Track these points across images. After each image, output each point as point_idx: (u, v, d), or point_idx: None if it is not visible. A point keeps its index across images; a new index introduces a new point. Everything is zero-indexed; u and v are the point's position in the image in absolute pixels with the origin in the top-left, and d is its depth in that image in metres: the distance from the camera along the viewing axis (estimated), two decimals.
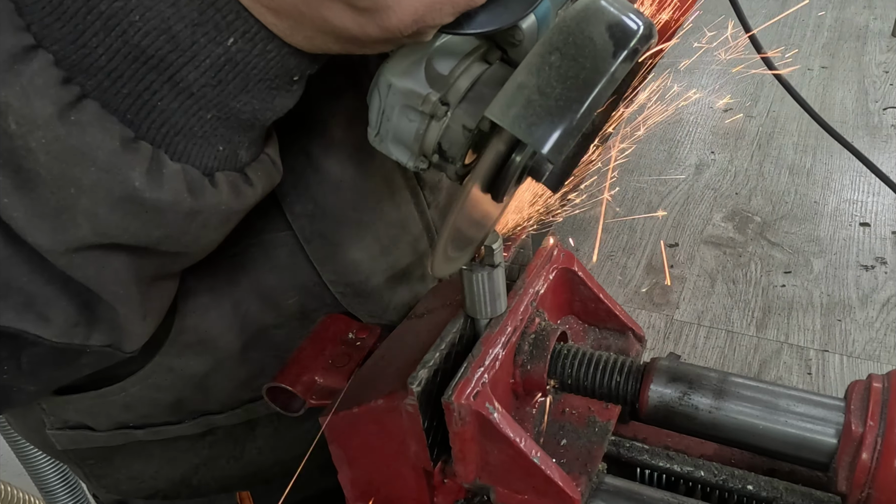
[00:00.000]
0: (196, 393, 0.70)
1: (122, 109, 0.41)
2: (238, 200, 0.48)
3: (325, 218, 0.65)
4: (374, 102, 0.45)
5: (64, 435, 0.73)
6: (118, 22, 0.39)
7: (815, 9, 2.13)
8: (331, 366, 0.65)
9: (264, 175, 0.50)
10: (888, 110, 1.59)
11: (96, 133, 0.40)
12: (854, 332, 1.04)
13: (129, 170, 0.41)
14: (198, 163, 0.45)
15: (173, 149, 0.44)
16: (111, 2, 0.39)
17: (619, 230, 1.30)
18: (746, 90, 1.74)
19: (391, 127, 0.45)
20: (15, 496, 1.59)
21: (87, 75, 0.40)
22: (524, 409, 0.57)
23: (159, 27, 0.40)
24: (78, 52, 0.39)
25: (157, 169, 0.43)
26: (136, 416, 0.71)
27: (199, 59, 0.41)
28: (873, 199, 1.31)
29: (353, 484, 0.60)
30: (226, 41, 0.41)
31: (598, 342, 0.63)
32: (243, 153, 0.47)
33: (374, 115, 0.45)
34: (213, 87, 0.42)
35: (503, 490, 0.51)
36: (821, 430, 0.49)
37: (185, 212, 0.45)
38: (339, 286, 0.70)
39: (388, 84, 0.44)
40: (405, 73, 0.44)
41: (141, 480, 0.79)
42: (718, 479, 0.58)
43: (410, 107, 0.43)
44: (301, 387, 0.63)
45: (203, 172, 0.45)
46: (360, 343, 0.67)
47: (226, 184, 0.46)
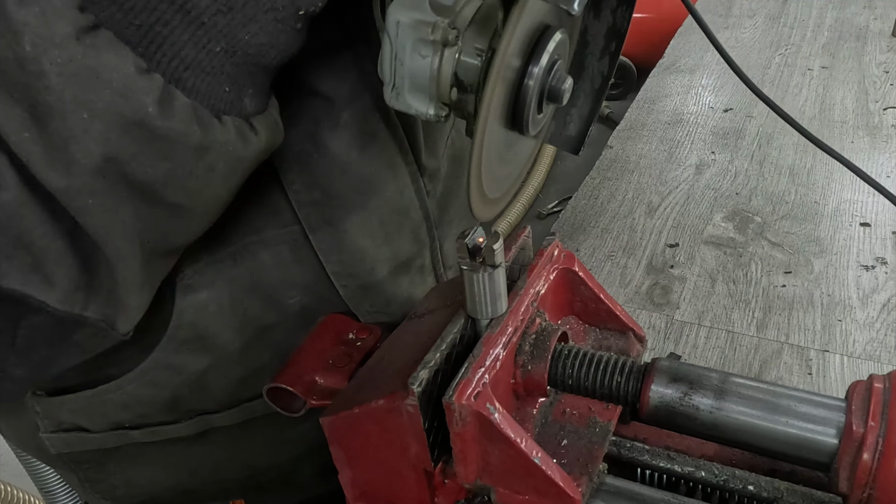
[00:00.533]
0: (193, 391, 0.70)
1: (135, 41, 0.42)
2: (244, 146, 0.48)
3: (331, 204, 0.65)
4: (386, 51, 0.44)
5: (58, 438, 0.73)
6: None
7: (815, 9, 2.13)
8: (331, 366, 0.65)
9: (268, 128, 0.51)
10: (888, 110, 1.59)
11: (112, 57, 0.41)
12: (854, 332, 1.04)
13: (143, 95, 0.42)
14: (206, 102, 0.45)
15: (183, 84, 0.44)
16: None
17: (619, 230, 1.30)
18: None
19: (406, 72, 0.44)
20: (15, 496, 1.59)
21: (100, 6, 0.40)
22: (525, 410, 0.57)
23: None
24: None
25: (169, 100, 0.43)
26: (132, 416, 0.71)
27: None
28: (873, 200, 1.31)
29: (353, 484, 0.60)
30: None
31: (598, 342, 0.63)
32: (248, 101, 0.48)
33: (387, 68, 0.45)
34: (224, 14, 0.42)
35: (504, 490, 0.51)
36: (822, 431, 0.49)
37: (195, 145, 0.45)
38: (344, 278, 0.70)
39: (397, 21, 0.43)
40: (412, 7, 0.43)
41: (136, 486, 0.79)
42: (719, 480, 0.58)
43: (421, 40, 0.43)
44: (301, 387, 0.63)
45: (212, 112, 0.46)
46: (361, 343, 0.67)
47: (233, 126, 0.47)
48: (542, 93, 0.45)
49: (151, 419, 0.73)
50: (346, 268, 0.70)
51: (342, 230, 0.67)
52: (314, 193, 0.64)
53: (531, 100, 0.44)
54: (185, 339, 0.66)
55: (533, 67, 0.43)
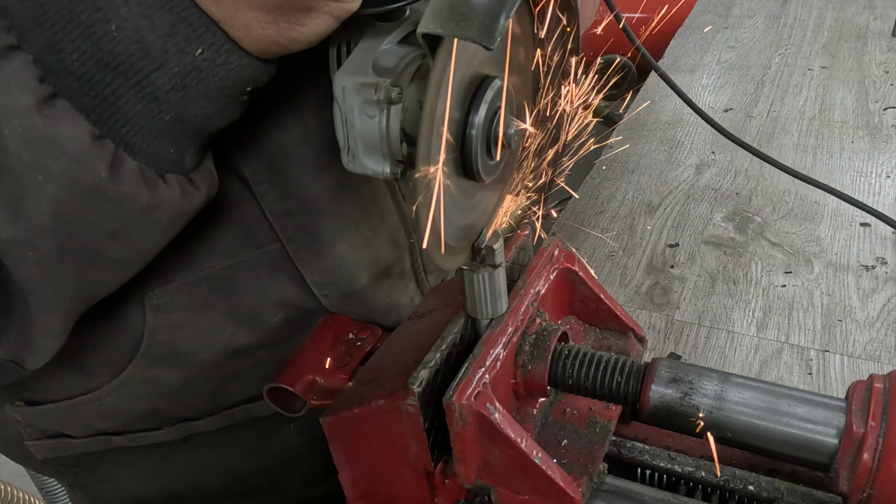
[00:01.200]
0: (171, 402, 0.70)
1: (89, 109, 0.44)
2: (187, 201, 0.51)
3: (306, 212, 0.65)
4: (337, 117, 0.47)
5: (43, 444, 0.73)
6: (95, 31, 0.42)
7: (815, 9, 2.13)
8: (331, 366, 0.65)
9: (206, 181, 0.53)
10: (888, 110, 1.59)
11: (68, 126, 0.43)
12: (854, 332, 1.04)
13: (96, 161, 0.45)
14: (151, 163, 0.48)
15: (131, 147, 0.47)
16: (92, 12, 0.42)
17: (619, 230, 1.30)
18: (746, 90, 1.74)
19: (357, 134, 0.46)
20: (15, 496, 1.58)
21: (60, 77, 0.43)
22: (525, 410, 0.57)
23: (132, 36, 0.43)
24: (54, 56, 0.42)
25: (119, 164, 0.46)
26: (113, 424, 0.72)
27: (167, 67, 0.45)
28: (873, 200, 1.31)
29: (353, 484, 0.60)
30: (194, 51, 0.45)
31: (598, 342, 0.63)
32: (189, 159, 0.51)
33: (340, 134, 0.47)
34: (177, 91, 0.46)
35: (504, 490, 0.51)
36: (822, 431, 0.49)
37: (143, 205, 0.48)
38: (325, 287, 0.70)
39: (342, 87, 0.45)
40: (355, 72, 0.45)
41: (123, 490, 0.79)
42: (719, 480, 0.58)
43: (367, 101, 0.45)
44: (301, 387, 0.63)
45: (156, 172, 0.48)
46: (361, 343, 0.67)
47: (176, 183, 0.50)
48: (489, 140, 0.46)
49: (133, 427, 0.73)
50: (326, 276, 0.69)
51: (319, 237, 0.67)
52: (288, 203, 0.64)
53: (476, 148, 0.45)
54: (160, 355, 0.66)
55: (473, 117, 0.45)
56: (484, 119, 0.45)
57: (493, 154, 0.47)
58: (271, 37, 0.46)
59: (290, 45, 0.47)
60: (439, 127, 0.43)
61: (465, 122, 0.45)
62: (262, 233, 0.65)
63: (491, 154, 0.47)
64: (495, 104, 0.46)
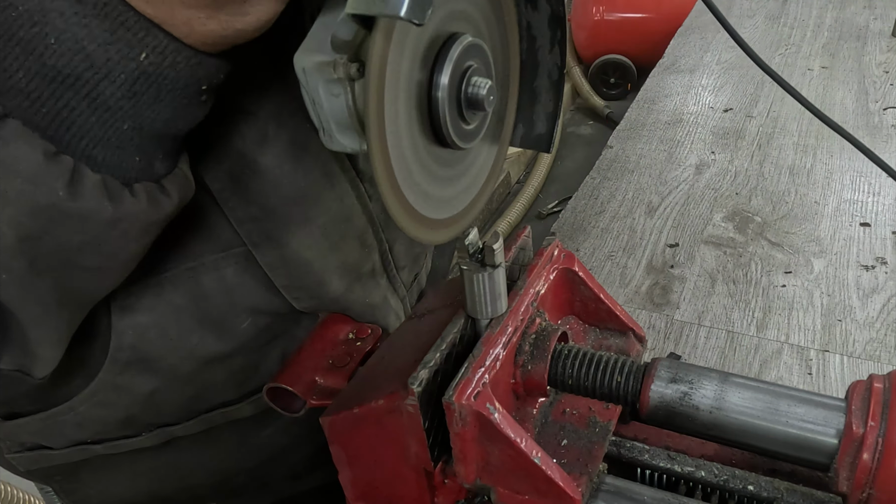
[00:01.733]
0: (146, 409, 0.70)
1: (43, 126, 0.43)
2: (156, 210, 0.50)
3: (269, 218, 0.64)
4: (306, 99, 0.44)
5: (23, 457, 0.73)
6: (35, 46, 0.41)
7: (815, 9, 2.13)
8: (331, 366, 0.65)
9: (179, 187, 0.52)
10: (888, 110, 1.59)
11: (21, 146, 0.42)
12: (854, 332, 1.04)
13: (52, 180, 0.44)
14: (117, 173, 0.47)
15: (93, 160, 0.46)
16: (28, 27, 0.41)
17: (619, 230, 1.30)
18: (746, 90, 1.74)
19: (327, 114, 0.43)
20: (15, 496, 1.58)
21: (8, 97, 0.42)
22: (525, 410, 0.57)
23: (73, 48, 0.42)
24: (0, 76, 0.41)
25: (79, 179, 0.45)
26: (90, 434, 0.71)
27: (114, 75, 0.43)
28: (873, 199, 1.31)
29: (353, 484, 0.60)
30: (138, 56, 0.43)
31: (598, 342, 0.63)
32: (158, 165, 0.50)
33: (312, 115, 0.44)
34: (129, 99, 0.44)
35: (504, 490, 0.51)
36: (821, 431, 0.49)
37: (107, 219, 0.47)
38: (294, 291, 0.69)
39: (303, 68, 0.42)
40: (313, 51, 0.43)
41: (110, 494, 0.79)
42: (719, 480, 0.58)
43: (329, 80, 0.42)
44: (301, 387, 0.63)
45: (122, 183, 0.47)
46: (360, 343, 0.67)
47: (144, 193, 0.48)
48: (460, 103, 0.43)
49: (110, 435, 0.72)
50: (294, 281, 0.68)
51: (284, 244, 0.66)
52: (251, 209, 0.63)
53: (444, 112, 0.42)
54: (129, 360, 0.65)
55: (438, 77, 0.42)
56: (450, 80, 0.42)
57: (466, 118, 0.45)
58: (215, 31, 0.44)
59: (237, 36, 0.45)
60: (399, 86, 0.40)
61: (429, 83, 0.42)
62: (226, 237, 0.64)
63: (465, 118, 0.45)
64: (463, 63, 0.43)
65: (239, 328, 0.68)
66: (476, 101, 0.43)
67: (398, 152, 0.42)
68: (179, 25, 0.44)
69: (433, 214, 0.47)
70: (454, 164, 0.48)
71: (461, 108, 0.44)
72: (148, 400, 0.69)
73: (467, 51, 0.43)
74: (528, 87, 0.54)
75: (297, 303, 0.70)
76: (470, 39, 0.43)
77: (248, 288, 0.67)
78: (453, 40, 0.42)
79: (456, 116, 0.44)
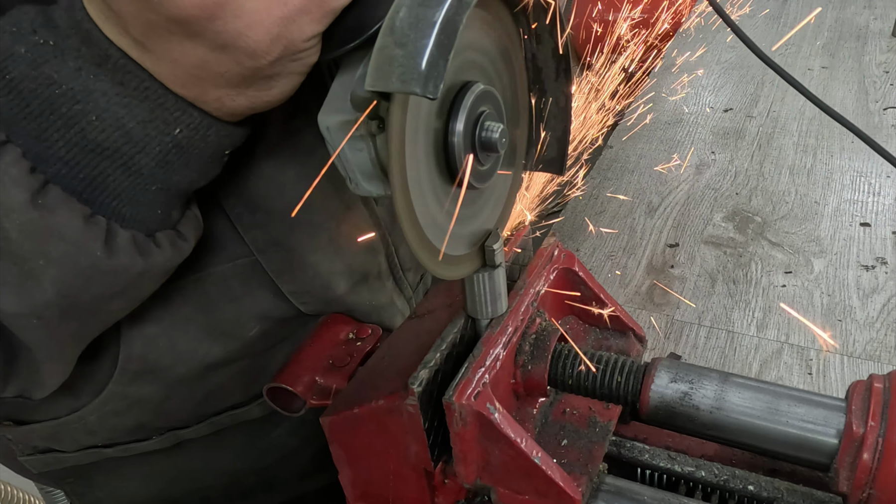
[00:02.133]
0: (155, 416, 0.71)
1: (79, 190, 0.47)
2: (178, 255, 0.54)
3: (275, 224, 0.65)
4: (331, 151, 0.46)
5: (35, 459, 0.74)
6: (77, 121, 0.45)
7: (815, 9, 2.13)
8: (331, 366, 0.65)
9: (194, 229, 0.56)
10: (888, 110, 1.59)
11: (63, 213, 0.46)
12: (854, 332, 1.04)
13: (92, 242, 0.47)
14: (141, 227, 0.50)
15: (121, 217, 0.49)
16: (71, 104, 0.44)
17: (619, 230, 1.30)
18: (746, 90, 1.74)
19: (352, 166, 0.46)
20: (15, 496, 1.58)
21: (49, 164, 0.46)
22: (525, 410, 0.57)
23: (114, 125, 0.45)
24: (41, 145, 0.45)
25: (112, 238, 0.48)
26: (100, 439, 0.72)
27: (149, 148, 0.47)
28: (873, 199, 1.31)
29: (353, 484, 0.60)
30: (173, 132, 0.47)
31: (598, 342, 0.63)
32: (176, 213, 0.53)
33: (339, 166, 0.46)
34: (161, 167, 0.48)
35: (504, 490, 0.51)
36: (822, 431, 0.49)
37: (139, 271, 0.51)
38: (302, 296, 0.70)
39: (327, 127, 0.45)
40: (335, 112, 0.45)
41: (120, 496, 0.80)
42: (719, 480, 0.58)
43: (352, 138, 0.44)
44: (301, 387, 0.63)
45: (146, 234, 0.51)
46: (361, 343, 0.67)
47: (166, 241, 0.52)
48: (475, 146, 0.46)
49: (121, 440, 0.73)
50: (301, 286, 0.69)
51: (290, 248, 0.67)
52: (257, 215, 0.64)
53: (461, 156, 0.45)
54: (138, 371, 0.66)
55: (453, 125, 0.44)
56: (465, 126, 0.44)
57: (481, 160, 0.47)
58: (244, 105, 0.48)
59: (264, 106, 0.49)
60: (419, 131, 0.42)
61: (445, 130, 0.44)
62: (232, 246, 0.65)
63: (480, 160, 0.46)
64: (476, 109, 0.45)
65: (247, 336, 0.69)
66: (490, 144, 0.45)
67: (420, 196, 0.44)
68: (211, 102, 0.47)
69: (454, 252, 0.49)
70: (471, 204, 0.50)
71: (476, 151, 0.46)
72: (157, 407, 0.69)
73: (479, 98, 0.45)
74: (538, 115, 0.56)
75: (304, 307, 0.70)
76: (482, 87, 0.45)
77: (255, 296, 0.68)
78: (466, 89, 0.45)
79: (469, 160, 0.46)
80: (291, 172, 0.64)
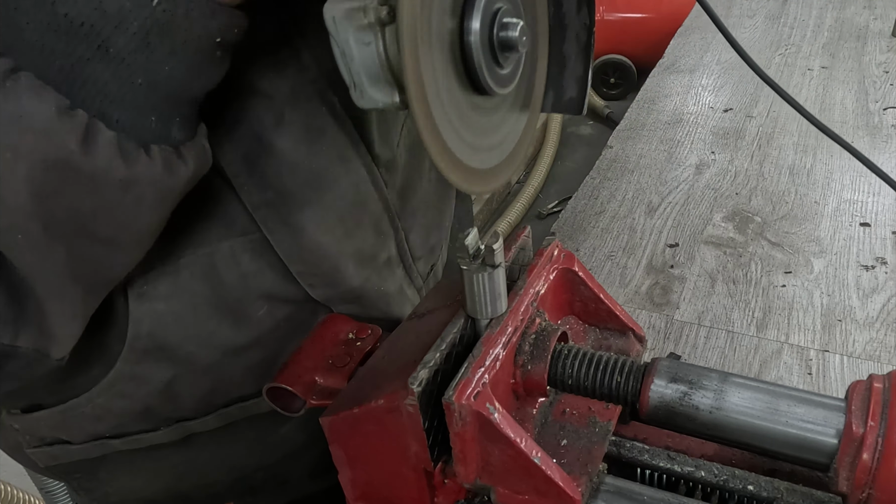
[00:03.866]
0: (163, 401, 0.70)
1: (57, 81, 0.43)
2: (171, 176, 0.49)
3: (285, 203, 0.64)
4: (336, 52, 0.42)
5: (42, 452, 0.73)
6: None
7: (815, 9, 2.13)
8: (331, 366, 0.65)
9: (197, 155, 0.51)
10: (888, 110, 1.59)
11: (33, 99, 0.42)
12: (854, 332, 1.04)
13: (65, 135, 0.43)
14: (132, 134, 0.46)
15: (108, 118, 0.45)
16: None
17: (619, 230, 1.30)
18: (746, 90, 1.74)
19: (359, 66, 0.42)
20: (15, 496, 1.59)
21: (20, 52, 0.42)
22: (525, 410, 0.57)
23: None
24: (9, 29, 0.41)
25: (93, 136, 0.44)
26: (108, 427, 0.71)
27: (126, 24, 0.43)
28: (873, 200, 1.31)
29: (353, 484, 0.60)
30: (151, 3, 0.43)
31: (598, 342, 0.63)
32: (176, 131, 0.49)
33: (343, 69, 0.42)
34: (142, 51, 0.44)
35: (504, 490, 0.51)
36: (821, 431, 0.49)
37: (120, 179, 0.46)
38: (309, 277, 0.69)
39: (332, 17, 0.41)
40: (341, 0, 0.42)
41: (128, 492, 0.79)
42: (719, 480, 0.58)
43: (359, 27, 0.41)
44: (301, 387, 0.63)
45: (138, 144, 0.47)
46: (360, 343, 0.67)
47: (159, 156, 0.48)
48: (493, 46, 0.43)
49: (129, 429, 0.72)
50: (309, 267, 0.68)
51: (300, 228, 0.66)
52: (267, 194, 0.63)
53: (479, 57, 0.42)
54: (146, 349, 0.65)
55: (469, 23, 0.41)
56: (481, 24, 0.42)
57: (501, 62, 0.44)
58: None
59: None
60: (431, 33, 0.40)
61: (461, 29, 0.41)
62: (242, 223, 0.64)
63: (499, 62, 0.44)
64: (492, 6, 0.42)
65: (255, 316, 0.68)
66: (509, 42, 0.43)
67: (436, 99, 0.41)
68: None
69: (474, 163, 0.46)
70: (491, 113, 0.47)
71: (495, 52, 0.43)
72: (165, 391, 0.69)
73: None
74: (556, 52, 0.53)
75: (313, 290, 0.70)
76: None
77: (263, 275, 0.67)
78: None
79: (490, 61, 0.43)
80: (303, 149, 0.63)
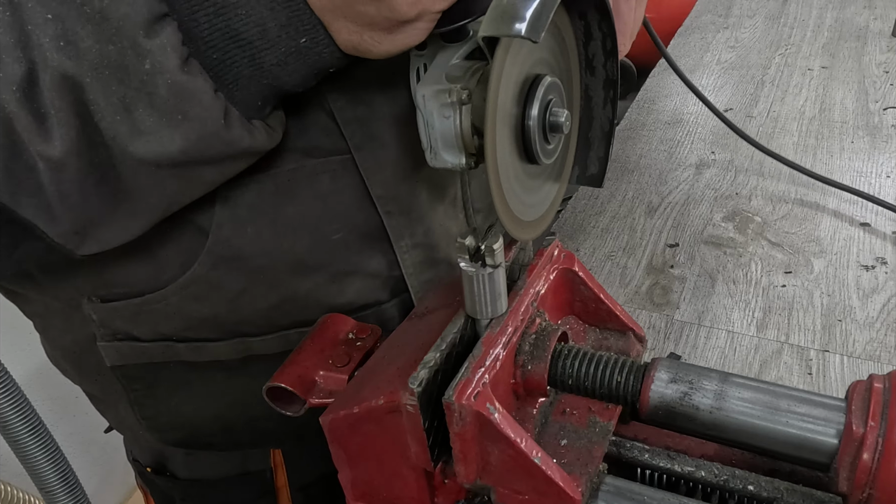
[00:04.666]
0: (230, 310, 0.75)
1: (209, 67, 0.55)
2: (270, 141, 0.62)
3: (375, 119, 0.71)
4: (420, 122, 0.57)
5: (112, 347, 0.78)
6: (226, 12, 0.54)
7: (815, 9, 2.13)
8: (331, 366, 0.65)
9: (280, 125, 0.64)
10: (888, 110, 1.59)
11: (201, 81, 0.54)
12: (854, 332, 1.04)
13: (216, 111, 0.56)
14: (244, 111, 0.58)
15: (233, 100, 0.57)
16: None
17: (619, 230, 1.30)
18: (746, 90, 1.74)
19: (437, 134, 0.56)
20: (15, 496, 1.59)
21: (193, 42, 0.54)
22: (525, 410, 0.57)
23: (255, 22, 0.54)
24: (190, 24, 0.53)
25: (229, 114, 0.57)
26: (176, 329, 0.76)
27: (277, 48, 0.56)
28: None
29: (353, 484, 0.60)
30: (300, 39, 0.56)
31: (598, 342, 0.63)
32: (268, 109, 0.62)
33: (423, 135, 0.57)
34: (279, 66, 0.57)
35: (504, 490, 0.51)
36: (822, 431, 0.49)
37: (244, 147, 0.59)
38: (388, 203, 0.75)
39: (422, 95, 0.55)
40: (432, 83, 0.56)
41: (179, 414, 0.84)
42: (719, 480, 0.58)
43: (443, 104, 0.55)
44: (301, 387, 0.63)
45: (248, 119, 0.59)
46: (361, 343, 0.67)
47: (262, 128, 0.61)
48: (544, 128, 0.54)
49: (195, 334, 0.77)
50: (388, 190, 0.74)
51: (385, 145, 0.72)
52: (359, 109, 0.70)
53: (534, 135, 0.53)
54: (223, 255, 0.71)
55: (530, 110, 0.53)
56: (538, 111, 0.53)
57: (549, 140, 0.55)
58: (354, 42, 0.57)
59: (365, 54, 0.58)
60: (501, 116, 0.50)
61: (522, 115, 0.53)
62: (329, 142, 0.71)
63: (548, 140, 0.55)
64: (547, 98, 0.54)
65: (329, 240, 0.74)
66: (557, 126, 0.55)
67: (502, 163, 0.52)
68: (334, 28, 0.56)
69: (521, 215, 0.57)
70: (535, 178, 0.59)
71: (545, 132, 0.55)
72: (234, 300, 0.74)
73: (549, 88, 0.54)
74: (584, 137, 0.66)
75: (388, 218, 0.76)
76: (551, 79, 0.54)
77: (343, 195, 0.73)
78: (539, 80, 0.54)
79: (542, 139, 0.55)
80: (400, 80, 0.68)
